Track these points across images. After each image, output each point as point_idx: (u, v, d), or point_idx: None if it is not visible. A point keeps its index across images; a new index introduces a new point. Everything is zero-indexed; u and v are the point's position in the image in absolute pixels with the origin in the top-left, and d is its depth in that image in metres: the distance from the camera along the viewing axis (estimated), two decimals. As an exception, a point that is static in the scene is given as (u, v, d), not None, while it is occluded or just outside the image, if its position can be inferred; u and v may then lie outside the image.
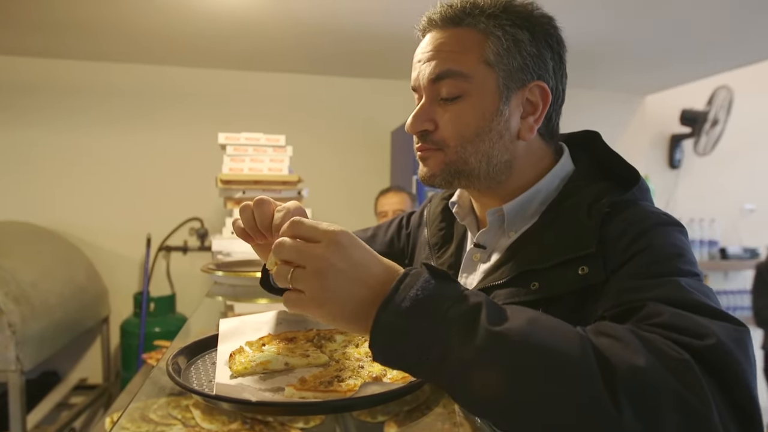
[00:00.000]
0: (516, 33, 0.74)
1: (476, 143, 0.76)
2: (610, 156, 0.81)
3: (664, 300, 0.57)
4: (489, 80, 0.75)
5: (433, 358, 0.50)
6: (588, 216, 0.71)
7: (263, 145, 2.32)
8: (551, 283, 0.70)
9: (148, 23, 2.81)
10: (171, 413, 0.71)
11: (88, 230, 3.50)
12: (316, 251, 0.52)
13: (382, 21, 2.78)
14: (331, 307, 0.53)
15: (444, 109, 0.77)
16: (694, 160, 4.39)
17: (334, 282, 0.52)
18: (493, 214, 0.82)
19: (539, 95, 0.77)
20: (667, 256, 0.65)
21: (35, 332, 2.38)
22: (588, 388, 0.46)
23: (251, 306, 1.41)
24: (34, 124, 3.44)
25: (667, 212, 0.73)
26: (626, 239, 0.67)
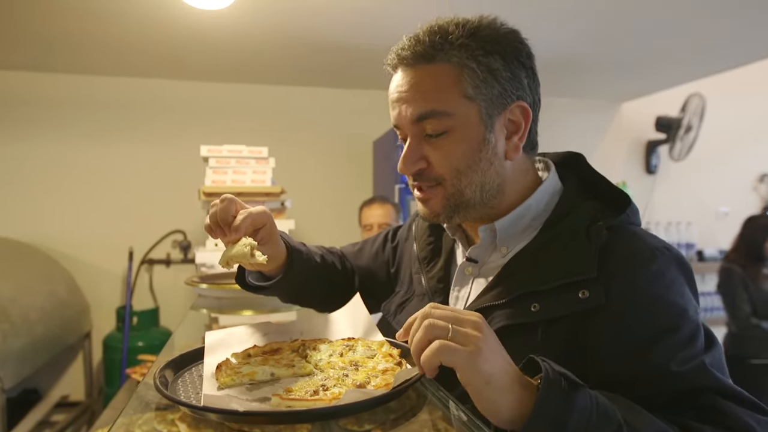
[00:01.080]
0: (489, 62, 0.74)
1: (469, 175, 0.77)
2: (597, 177, 0.83)
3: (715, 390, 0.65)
4: (471, 113, 0.75)
5: None
6: (587, 239, 0.73)
7: (246, 157, 2.33)
8: (552, 305, 0.71)
9: (131, 37, 2.81)
10: (156, 428, 0.71)
11: (69, 244, 3.46)
12: (475, 318, 0.60)
13: (362, 33, 2.82)
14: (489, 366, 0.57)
15: (432, 146, 0.77)
16: (670, 165, 4.49)
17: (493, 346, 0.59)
18: (485, 230, 0.83)
19: (520, 114, 0.78)
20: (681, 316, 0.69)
21: (15, 349, 2.34)
22: None
23: (236, 318, 1.42)
24: (14, 137, 3.40)
25: (666, 244, 0.75)
26: (632, 281, 0.70)
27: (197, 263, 2.11)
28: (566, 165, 0.87)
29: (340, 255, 1.13)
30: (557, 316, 0.70)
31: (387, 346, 0.77)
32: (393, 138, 3.34)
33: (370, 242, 1.16)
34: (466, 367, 0.56)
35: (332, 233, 3.54)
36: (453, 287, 0.88)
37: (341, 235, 2.79)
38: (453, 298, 0.87)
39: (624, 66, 3.52)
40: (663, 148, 4.47)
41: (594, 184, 0.83)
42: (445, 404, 0.68)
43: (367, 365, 0.71)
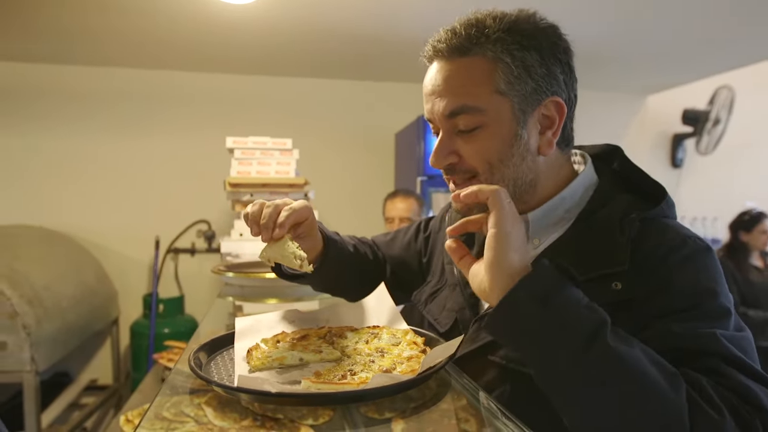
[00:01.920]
0: (525, 57, 0.73)
1: (501, 169, 0.76)
2: (634, 170, 0.82)
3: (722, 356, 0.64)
4: (504, 109, 0.74)
5: (550, 352, 0.59)
6: (620, 231, 0.72)
7: (270, 149, 2.36)
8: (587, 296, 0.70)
9: (156, 30, 2.86)
10: (184, 411, 0.73)
11: (98, 233, 3.56)
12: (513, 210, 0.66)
13: (386, 25, 2.82)
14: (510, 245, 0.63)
15: (464, 141, 0.77)
16: (696, 159, 4.41)
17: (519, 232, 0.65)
18: None
19: (554, 110, 0.77)
20: (705, 293, 0.69)
21: (49, 334, 2.42)
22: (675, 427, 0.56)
23: (260, 306, 1.44)
24: (45, 129, 3.49)
25: (698, 235, 0.75)
26: (665, 267, 0.70)
27: (222, 252, 2.15)
28: (603, 158, 0.86)
29: (371, 245, 1.14)
30: None
31: (411, 334, 0.79)
32: (415, 130, 3.35)
33: (402, 232, 1.16)
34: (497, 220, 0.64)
35: (353, 225, 3.56)
36: None
37: (362, 227, 2.82)
38: None
39: (650, 58, 3.46)
40: (689, 142, 4.39)
41: (630, 177, 0.82)
42: (470, 393, 0.69)
43: (392, 352, 0.73)
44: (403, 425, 0.62)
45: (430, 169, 3.28)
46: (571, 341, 0.58)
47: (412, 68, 3.84)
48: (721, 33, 2.99)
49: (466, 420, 0.70)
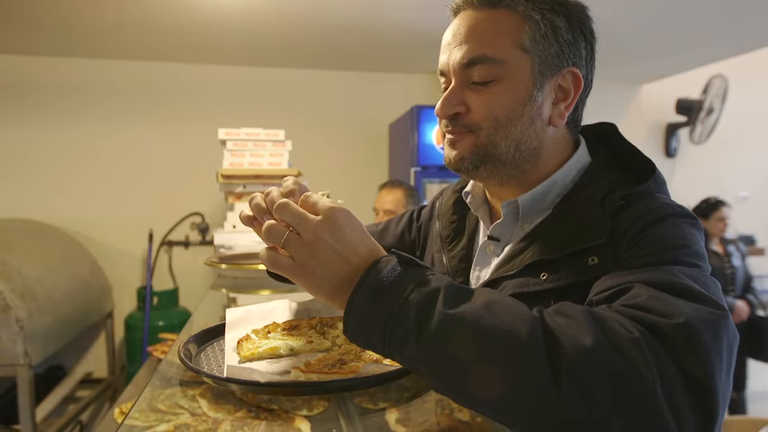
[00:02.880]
0: (554, 19, 0.73)
1: (508, 127, 0.74)
2: (626, 148, 0.80)
3: (650, 282, 0.57)
4: (523, 66, 0.73)
5: (395, 341, 0.53)
6: (601, 207, 0.70)
7: (263, 140, 2.35)
8: (561, 273, 0.69)
9: (149, 20, 2.83)
10: (178, 403, 0.74)
11: (91, 226, 3.54)
12: (314, 223, 0.57)
13: (379, 15, 2.80)
14: (314, 279, 0.57)
15: (476, 93, 0.74)
16: (690, 148, 4.42)
17: (322, 256, 0.56)
18: (507, 206, 0.80)
19: (572, 82, 0.76)
20: (670, 246, 0.64)
21: (42, 327, 2.42)
22: (531, 368, 0.48)
23: (254, 297, 1.44)
24: (35, 121, 3.46)
25: (681, 205, 0.72)
26: (635, 229, 0.67)
27: (216, 244, 2.14)
28: (597, 137, 0.85)
29: None
30: (567, 284, 0.68)
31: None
32: (409, 121, 3.34)
33: (394, 222, 1.14)
34: (294, 281, 0.59)
35: (348, 216, 3.56)
36: (474, 267, 0.86)
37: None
38: (474, 278, 0.86)
39: (644, 47, 3.45)
40: (683, 131, 4.40)
41: (623, 156, 0.80)
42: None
43: (383, 341, 0.73)
44: (397, 415, 0.62)
45: (424, 160, 3.28)
46: (405, 329, 0.52)
47: (406, 59, 3.84)
48: (715, 21, 2.98)
49: (459, 409, 0.70)
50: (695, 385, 0.49)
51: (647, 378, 0.47)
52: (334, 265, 0.57)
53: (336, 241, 0.57)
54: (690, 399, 0.48)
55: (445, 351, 0.51)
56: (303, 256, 0.57)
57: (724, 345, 0.52)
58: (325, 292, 0.57)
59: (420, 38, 3.06)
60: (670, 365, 0.49)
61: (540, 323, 0.51)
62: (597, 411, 0.47)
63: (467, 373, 0.51)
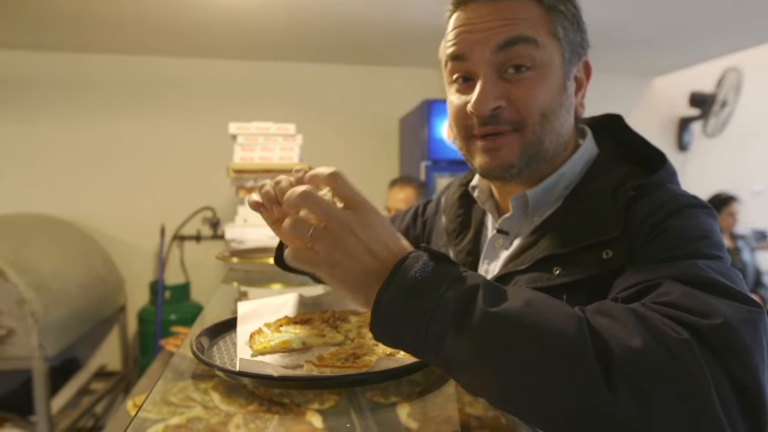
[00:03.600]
0: (574, 9, 0.73)
1: (552, 120, 0.71)
2: (635, 139, 0.79)
3: (679, 278, 0.55)
4: (557, 54, 0.71)
5: (430, 339, 0.50)
6: (613, 199, 0.68)
7: (273, 134, 2.35)
8: (574, 267, 0.67)
9: (158, 16, 2.83)
10: (190, 396, 0.74)
11: (104, 221, 3.57)
12: (346, 216, 0.53)
13: (390, 9, 2.79)
14: (341, 273, 0.54)
15: (513, 85, 0.70)
16: (703, 142, 4.37)
17: (351, 249, 0.53)
18: (516, 199, 0.79)
19: (584, 71, 0.76)
20: (690, 239, 0.62)
21: (57, 320, 2.44)
22: (582, 370, 0.46)
23: (265, 291, 1.45)
24: (50, 118, 3.49)
25: (695, 195, 0.70)
26: (651, 221, 0.65)
27: (227, 239, 2.15)
28: (604, 129, 0.83)
29: None
30: (581, 279, 0.66)
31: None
32: (419, 115, 3.32)
33: (399, 218, 1.13)
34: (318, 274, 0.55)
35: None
36: (483, 260, 0.85)
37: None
38: (483, 272, 0.84)
39: (657, 39, 3.41)
40: (696, 125, 4.35)
41: (631, 147, 0.78)
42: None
43: (395, 335, 0.72)
44: (408, 409, 0.62)
45: (434, 154, 3.27)
46: (442, 327, 0.49)
47: (416, 53, 3.81)
48: (729, 13, 2.93)
49: (471, 404, 0.70)
50: (742, 388, 0.47)
51: (702, 380, 0.46)
52: (362, 260, 0.54)
53: (366, 235, 0.54)
54: (738, 401, 0.47)
55: (487, 350, 0.48)
56: (330, 249, 0.53)
57: (765, 342, 0.51)
58: (352, 287, 0.54)
59: (430, 32, 3.04)
60: (716, 367, 0.47)
61: (586, 323, 0.49)
62: (654, 413, 0.45)
63: (510, 373, 0.48)
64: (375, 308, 0.52)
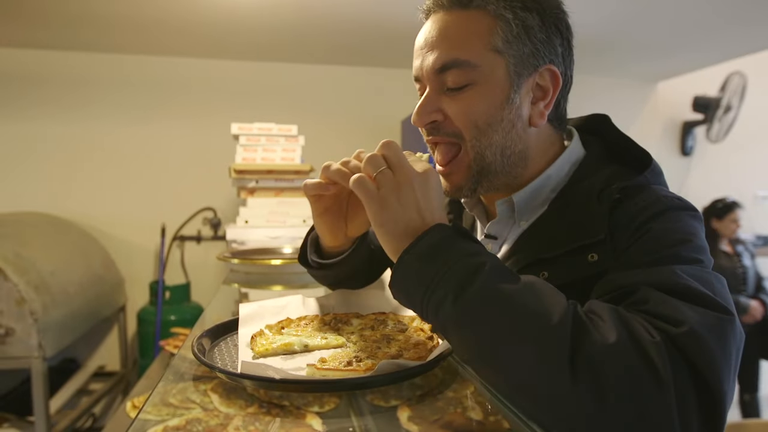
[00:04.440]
0: (526, 18, 0.71)
1: (489, 134, 0.73)
2: (621, 139, 0.79)
3: (655, 285, 0.57)
4: (498, 68, 0.71)
5: (433, 301, 0.56)
6: (598, 202, 0.69)
7: (275, 135, 2.35)
8: (561, 271, 0.69)
9: (161, 15, 2.83)
10: (189, 397, 0.73)
11: (104, 220, 3.56)
12: (411, 170, 0.62)
13: (391, 10, 2.79)
14: (387, 215, 0.60)
15: (451, 99, 0.73)
16: (707, 146, 4.36)
17: (405, 198, 0.60)
18: (502, 204, 0.80)
19: (549, 80, 0.74)
20: (672, 242, 0.63)
21: (56, 320, 2.43)
22: (551, 353, 0.50)
23: (266, 293, 1.44)
24: (51, 116, 3.49)
25: (680, 196, 0.71)
26: (635, 224, 0.66)
27: (228, 239, 2.14)
28: (590, 130, 0.83)
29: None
30: (567, 282, 0.66)
31: (418, 320, 0.78)
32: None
33: None
34: (366, 207, 0.61)
35: (359, 212, 3.56)
36: None
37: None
38: None
39: (660, 44, 3.40)
40: (700, 129, 4.34)
41: (617, 147, 0.79)
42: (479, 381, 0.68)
43: (398, 339, 0.72)
44: (409, 413, 0.61)
45: (436, 157, 3.26)
46: (445, 290, 0.55)
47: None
48: (734, 17, 2.93)
49: (472, 408, 0.69)
50: (703, 393, 0.50)
51: (664, 382, 0.48)
52: (409, 212, 0.60)
53: (421, 194, 0.61)
54: (698, 407, 0.50)
55: (476, 318, 0.53)
56: (389, 191, 0.60)
57: (732, 348, 0.53)
58: (389, 233, 0.61)
59: (433, 34, 3.04)
60: (681, 372, 0.50)
61: (572, 313, 0.53)
62: (606, 405, 0.48)
63: (492, 344, 0.53)
64: (397, 263, 0.59)
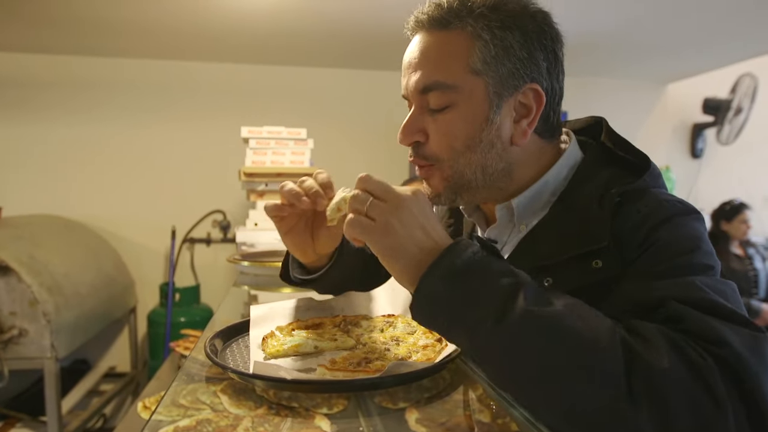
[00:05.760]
0: (505, 37, 0.70)
1: (467, 155, 0.73)
2: (619, 141, 0.78)
3: (680, 299, 0.57)
4: (477, 89, 0.71)
5: (468, 323, 0.53)
6: (599, 206, 0.69)
7: (285, 138, 2.36)
8: (565, 277, 0.68)
9: (171, 20, 2.86)
10: (200, 398, 0.74)
11: (115, 223, 3.60)
12: (401, 193, 0.59)
13: (402, 14, 2.78)
14: (395, 240, 0.58)
15: (433, 119, 0.74)
16: (717, 149, 4.32)
17: (406, 221, 0.58)
18: (501, 209, 0.79)
19: (533, 98, 0.73)
20: (682, 250, 0.63)
21: (68, 321, 2.46)
22: (609, 380, 0.48)
23: (275, 295, 1.45)
24: (63, 120, 3.53)
25: (681, 199, 0.71)
26: (641, 232, 0.66)
27: (238, 242, 2.16)
28: (588, 132, 0.83)
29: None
30: (571, 289, 0.65)
31: (427, 323, 0.78)
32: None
33: None
34: (370, 242, 0.59)
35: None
36: None
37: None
38: None
39: (671, 45, 3.39)
40: (710, 132, 4.30)
41: (615, 150, 0.78)
42: (487, 383, 0.68)
43: (407, 341, 0.72)
44: (417, 415, 0.62)
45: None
46: (483, 313, 0.53)
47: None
48: (744, 19, 2.91)
49: (480, 410, 0.70)
50: (755, 411, 0.50)
51: (721, 406, 0.48)
52: (416, 234, 0.58)
53: (420, 214, 0.59)
54: (750, 423, 0.50)
55: (521, 344, 0.51)
56: (387, 216, 0.58)
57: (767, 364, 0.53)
58: (400, 259, 0.58)
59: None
60: (733, 392, 0.49)
61: (619, 335, 0.52)
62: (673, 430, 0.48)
63: (541, 371, 0.51)
64: (420, 284, 0.56)
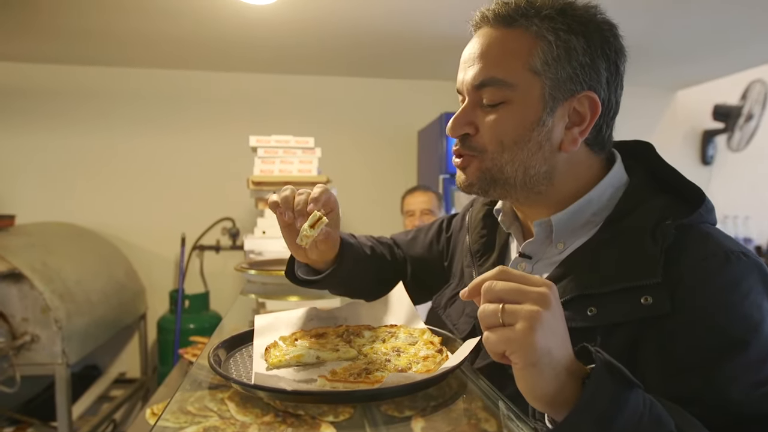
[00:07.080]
0: (569, 40, 0.70)
1: (514, 151, 0.73)
2: (667, 170, 0.76)
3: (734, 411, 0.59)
4: (534, 89, 0.71)
5: None
6: (653, 240, 0.66)
7: (293, 147, 2.38)
8: (610, 310, 0.65)
9: (179, 31, 2.90)
10: (207, 405, 0.75)
11: (126, 230, 3.64)
12: (541, 290, 0.52)
13: (409, 22, 2.81)
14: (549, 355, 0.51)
15: (485, 114, 0.74)
16: (728, 155, 4.29)
17: (557, 328, 0.52)
18: (539, 224, 0.78)
19: (588, 106, 0.72)
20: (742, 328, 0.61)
21: (79, 328, 2.49)
22: None
23: (282, 303, 1.45)
24: (75, 129, 3.59)
25: (744, 249, 0.67)
26: (702, 287, 0.64)
27: (246, 250, 2.18)
28: (633, 156, 0.81)
29: (390, 244, 1.10)
30: (617, 322, 0.65)
31: (428, 333, 0.79)
32: (438, 128, 3.33)
33: (424, 231, 1.12)
34: (513, 351, 0.51)
35: (376, 223, 3.57)
36: None
37: (385, 225, 2.82)
38: None
39: (680, 52, 3.37)
40: (720, 138, 4.27)
41: (664, 178, 0.76)
42: (487, 396, 0.69)
43: (408, 351, 0.73)
44: (422, 424, 0.62)
45: (452, 167, 3.25)
46: None
47: (436, 65, 3.83)
48: (755, 25, 2.89)
49: (486, 420, 0.70)
50: None
51: None
52: (565, 344, 0.53)
53: (559, 321, 0.53)
54: None
55: None
56: (532, 319, 0.50)
57: None
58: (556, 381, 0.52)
59: (449, 45, 3.05)
60: None
61: None
62: None
63: None
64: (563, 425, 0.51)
